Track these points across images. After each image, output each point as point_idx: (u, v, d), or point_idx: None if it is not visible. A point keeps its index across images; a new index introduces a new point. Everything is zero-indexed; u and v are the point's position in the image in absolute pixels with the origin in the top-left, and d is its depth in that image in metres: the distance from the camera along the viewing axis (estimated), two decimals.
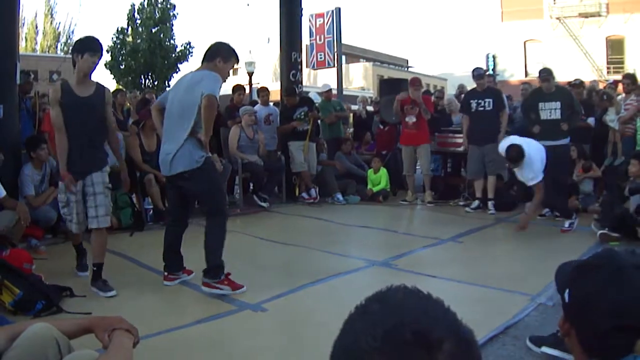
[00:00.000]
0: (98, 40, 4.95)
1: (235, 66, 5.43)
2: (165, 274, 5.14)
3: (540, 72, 8.71)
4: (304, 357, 3.66)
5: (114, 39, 28.31)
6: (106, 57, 28.89)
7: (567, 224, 7.55)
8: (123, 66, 27.92)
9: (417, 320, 0.85)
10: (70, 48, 5.12)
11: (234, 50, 5.08)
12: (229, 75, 5.07)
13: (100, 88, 5.00)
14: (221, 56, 4.94)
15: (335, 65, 20.75)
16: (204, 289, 4.78)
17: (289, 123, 10.15)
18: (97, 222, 4.87)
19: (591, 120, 9.56)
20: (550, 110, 8.28)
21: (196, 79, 4.83)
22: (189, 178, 4.77)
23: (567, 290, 1.44)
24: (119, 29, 28.60)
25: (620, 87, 10.78)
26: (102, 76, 58.24)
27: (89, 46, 4.84)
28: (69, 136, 4.84)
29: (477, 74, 9.23)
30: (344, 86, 21.80)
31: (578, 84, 10.26)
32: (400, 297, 0.91)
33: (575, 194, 8.82)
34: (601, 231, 6.74)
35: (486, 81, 9.36)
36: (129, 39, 28.40)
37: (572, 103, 8.38)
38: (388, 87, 12.73)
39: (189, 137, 4.73)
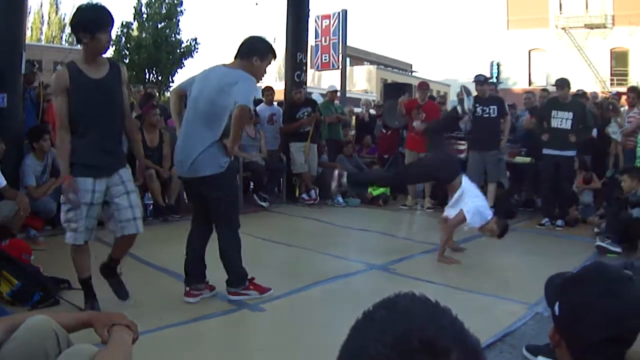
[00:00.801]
0: (107, 10, 4.10)
1: None
2: (187, 289, 4.64)
3: (556, 81, 8.77)
4: (300, 358, 3.67)
5: (118, 33, 28.24)
6: (110, 51, 28.94)
7: (560, 222, 8.40)
8: (127, 60, 27.87)
9: (425, 328, 0.86)
10: (72, 22, 4.09)
11: (271, 47, 4.73)
12: (265, 74, 4.73)
13: (114, 66, 4.24)
14: (258, 55, 4.57)
15: (340, 67, 20.70)
16: (231, 298, 4.60)
17: (293, 122, 10.18)
18: (137, 226, 4.26)
19: (594, 132, 9.58)
20: (562, 120, 8.33)
21: (231, 79, 4.37)
22: (210, 182, 4.43)
23: (557, 303, 1.46)
24: (124, 23, 28.56)
25: (623, 99, 10.80)
26: None
27: (100, 23, 4.01)
28: (83, 128, 4.05)
29: (479, 80, 9.25)
30: (347, 88, 21.75)
31: (580, 95, 10.27)
32: (408, 305, 0.91)
33: (575, 204, 8.84)
34: (599, 243, 6.77)
35: (487, 88, 9.37)
36: (135, 33, 28.36)
37: (584, 116, 8.44)
38: (392, 91, 12.78)
39: (217, 141, 4.39)
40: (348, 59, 24.98)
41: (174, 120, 4.98)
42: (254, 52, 4.58)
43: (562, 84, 8.56)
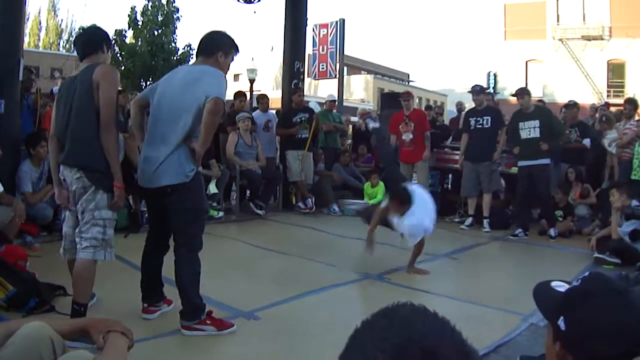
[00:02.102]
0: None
1: (237, 72, 4.82)
2: (145, 305, 4.39)
3: (516, 91, 8.82)
4: None
5: (113, 41, 28.35)
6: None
7: (552, 232, 8.36)
8: (123, 68, 27.94)
9: (426, 338, 0.86)
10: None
11: (234, 41, 4.31)
12: (228, 70, 4.35)
13: None
14: (223, 50, 4.19)
15: (337, 76, 20.76)
16: (184, 332, 4.06)
17: (288, 127, 10.17)
18: None
19: (587, 142, 9.61)
20: (530, 129, 8.37)
21: (194, 74, 4.05)
22: (172, 193, 3.98)
23: (562, 318, 1.42)
24: (117, 31, 28.62)
25: (611, 109, 10.86)
26: None
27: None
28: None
29: (474, 90, 9.26)
30: (344, 97, 21.80)
31: (572, 105, 10.31)
32: (407, 314, 0.92)
33: (570, 215, 8.85)
34: (597, 255, 6.79)
35: (484, 98, 9.37)
36: (130, 40, 28.43)
37: (550, 122, 8.46)
38: (388, 100, 12.77)
39: (181, 145, 3.96)
40: (345, 68, 25.06)
41: (135, 135, 4.56)
42: (218, 47, 4.21)
43: (522, 92, 8.64)
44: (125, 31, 28.67)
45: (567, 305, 1.44)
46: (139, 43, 28.10)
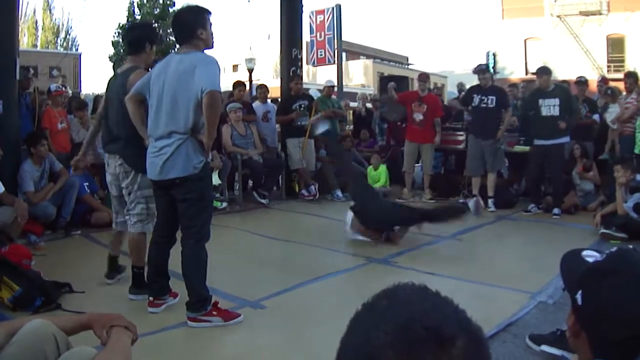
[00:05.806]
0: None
1: (236, 62, 4.87)
2: (151, 299, 4.37)
3: (537, 69, 8.79)
4: (302, 354, 3.66)
5: (116, 35, 28.62)
6: (109, 51, 29.66)
7: (556, 210, 8.29)
8: None
9: (429, 317, 0.84)
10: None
11: (201, 8, 4.17)
12: (213, 37, 4.19)
13: None
14: (198, 26, 4.07)
15: (336, 62, 20.73)
16: (190, 324, 4.05)
17: (287, 114, 10.14)
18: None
19: (596, 117, 9.60)
20: (550, 107, 8.31)
21: (188, 64, 3.93)
22: (181, 184, 4.01)
23: (580, 292, 1.38)
24: (120, 25, 28.79)
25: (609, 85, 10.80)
26: (106, 70, 58.06)
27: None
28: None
29: (480, 69, 9.25)
30: (344, 83, 21.76)
31: (583, 82, 10.25)
32: (408, 294, 0.90)
33: (572, 189, 8.80)
34: (603, 230, 6.76)
35: (489, 77, 9.32)
36: None
37: (570, 100, 8.41)
38: (388, 84, 12.71)
39: (189, 137, 3.97)
40: (344, 54, 25.00)
41: (139, 130, 4.39)
42: (194, 25, 4.08)
43: (542, 71, 8.60)
44: (126, 26, 28.88)
45: (587, 279, 1.39)
46: None
